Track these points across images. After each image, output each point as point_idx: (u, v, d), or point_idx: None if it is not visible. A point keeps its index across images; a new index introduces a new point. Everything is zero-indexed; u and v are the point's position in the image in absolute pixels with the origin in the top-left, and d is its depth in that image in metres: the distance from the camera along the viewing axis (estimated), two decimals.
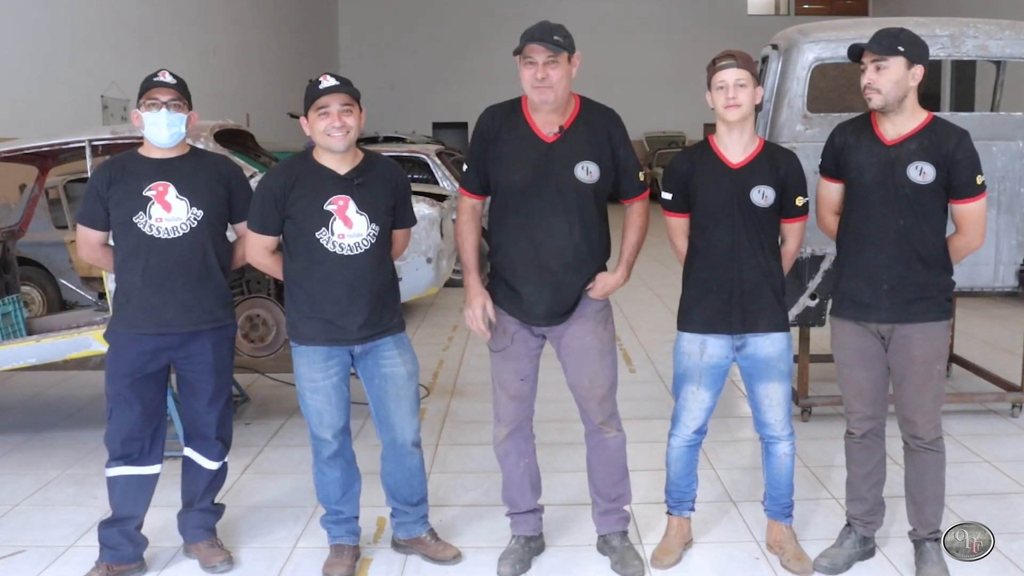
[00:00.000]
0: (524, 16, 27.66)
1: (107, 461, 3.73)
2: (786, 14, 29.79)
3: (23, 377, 6.85)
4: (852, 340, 3.60)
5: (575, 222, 3.47)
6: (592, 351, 3.60)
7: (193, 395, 3.77)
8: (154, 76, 3.69)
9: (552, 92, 3.38)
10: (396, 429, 3.75)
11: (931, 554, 3.62)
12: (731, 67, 3.45)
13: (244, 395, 6.26)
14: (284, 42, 22.58)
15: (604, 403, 3.68)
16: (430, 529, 3.93)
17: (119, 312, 3.67)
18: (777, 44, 5.43)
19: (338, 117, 3.44)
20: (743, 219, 3.53)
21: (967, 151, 3.40)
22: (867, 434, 3.67)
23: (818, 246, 5.01)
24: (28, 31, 10.76)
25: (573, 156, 3.46)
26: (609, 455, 3.77)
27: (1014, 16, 6.11)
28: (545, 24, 3.41)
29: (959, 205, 3.47)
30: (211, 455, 3.83)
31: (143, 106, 3.60)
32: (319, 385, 3.60)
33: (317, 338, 3.56)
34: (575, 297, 3.54)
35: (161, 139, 3.61)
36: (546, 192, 3.46)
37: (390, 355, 3.67)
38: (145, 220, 3.57)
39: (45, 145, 5.43)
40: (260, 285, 5.70)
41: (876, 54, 3.36)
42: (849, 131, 3.62)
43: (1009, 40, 5.21)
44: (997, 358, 6.86)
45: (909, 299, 3.46)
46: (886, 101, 3.38)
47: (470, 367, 7.22)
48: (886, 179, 3.44)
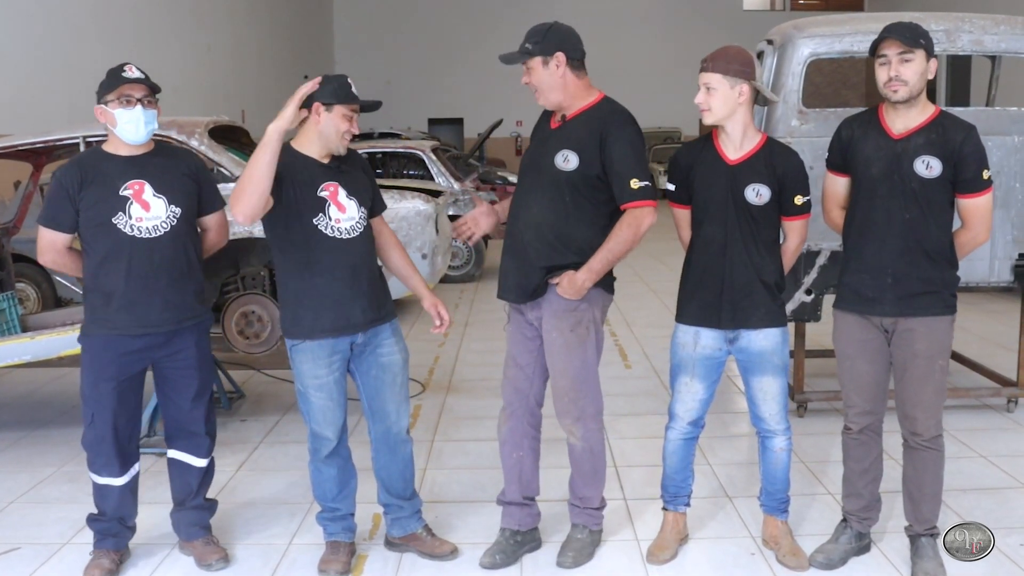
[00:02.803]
0: (519, 11, 27.55)
1: (93, 468, 3.71)
2: (782, 9, 29.75)
3: (18, 374, 6.84)
4: (855, 332, 3.60)
5: (544, 204, 3.56)
6: (555, 347, 3.61)
7: (177, 393, 3.75)
8: (121, 71, 3.54)
9: (540, 95, 3.57)
10: (391, 418, 3.76)
11: (927, 549, 3.62)
12: (702, 70, 3.50)
13: (239, 391, 6.25)
14: (279, 38, 22.54)
15: (561, 401, 3.68)
16: (425, 525, 3.93)
17: (97, 314, 3.60)
18: (772, 39, 5.43)
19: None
20: (736, 215, 3.53)
21: (974, 146, 3.40)
22: (864, 430, 3.67)
23: (813, 241, 5.00)
24: (22, 27, 10.73)
25: (559, 144, 3.55)
26: (574, 459, 3.79)
27: (1010, 11, 6.12)
28: (529, 32, 3.57)
29: (965, 200, 3.46)
30: (200, 452, 3.83)
31: (115, 103, 3.50)
32: (323, 382, 3.59)
33: (324, 330, 3.54)
34: (537, 278, 3.56)
35: (138, 137, 3.55)
36: (532, 172, 3.65)
37: (388, 343, 3.70)
38: (125, 220, 3.52)
39: (40, 142, 5.42)
40: (255, 281, 5.69)
41: (904, 45, 3.34)
42: (856, 125, 3.61)
43: (1004, 35, 5.21)
44: (993, 353, 6.87)
45: (913, 293, 3.46)
46: (911, 93, 3.38)
47: (466, 363, 7.22)
48: (892, 173, 3.44)
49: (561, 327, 3.58)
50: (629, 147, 3.50)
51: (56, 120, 10.06)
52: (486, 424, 3.87)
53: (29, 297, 7.89)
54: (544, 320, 3.62)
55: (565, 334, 3.59)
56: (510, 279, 3.67)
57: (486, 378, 6.60)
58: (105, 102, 3.53)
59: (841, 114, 5.17)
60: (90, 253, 3.59)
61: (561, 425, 3.75)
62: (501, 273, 3.72)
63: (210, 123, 5.55)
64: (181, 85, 14.68)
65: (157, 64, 13.90)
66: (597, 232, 3.55)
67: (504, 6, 27.77)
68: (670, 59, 27.82)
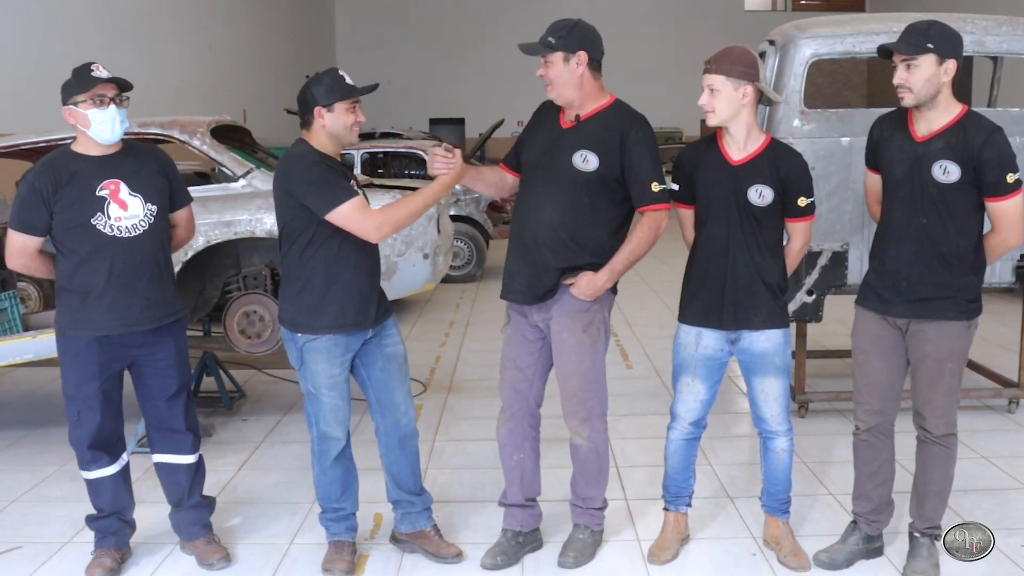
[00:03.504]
0: (520, 11, 27.55)
1: (83, 464, 3.73)
2: (783, 10, 29.73)
3: (19, 373, 6.84)
4: (872, 329, 3.59)
5: (560, 204, 3.53)
6: (566, 347, 3.61)
7: (157, 392, 3.75)
8: (90, 71, 3.51)
9: (553, 89, 3.53)
10: (400, 409, 3.77)
11: (922, 550, 3.60)
12: (706, 71, 3.49)
13: (240, 391, 6.25)
14: (281, 37, 22.52)
15: (569, 402, 3.68)
16: (434, 524, 3.93)
17: (76, 315, 3.58)
18: (774, 40, 5.42)
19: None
20: (739, 216, 3.53)
21: (996, 148, 3.31)
22: (872, 430, 3.64)
23: (815, 242, 5.00)
24: (23, 26, 10.73)
25: (577, 144, 3.53)
26: (579, 459, 3.79)
27: (1011, 12, 6.12)
28: (553, 25, 3.53)
29: (991, 203, 3.38)
30: (184, 450, 3.82)
31: (87, 103, 3.47)
32: (337, 380, 3.60)
33: (346, 324, 3.56)
34: (550, 279, 3.54)
35: (113, 136, 3.54)
36: (544, 172, 3.60)
37: (391, 334, 3.75)
38: (105, 221, 3.51)
39: (41, 141, 5.41)
40: (257, 281, 5.69)
41: (905, 54, 3.31)
42: (886, 125, 3.60)
43: (1006, 36, 5.20)
44: (994, 354, 6.86)
45: (926, 297, 3.43)
46: (918, 99, 3.35)
47: (467, 363, 7.22)
48: (912, 176, 3.41)
49: (574, 328, 3.58)
50: (648, 150, 3.54)
51: (56, 120, 10.05)
52: (487, 424, 3.87)
53: (30, 296, 7.88)
54: (554, 321, 3.60)
55: (578, 335, 3.58)
56: (517, 281, 3.64)
57: (487, 378, 6.60)
58: (75, 103, 3.49)
59: (843, 115, 5.19)
60: (66, 254, 3.56)
61: (567, 426, 3.74)
62: (507, 274, 3.70)
63: (212, 123, 5.55)
64: (182, 85, 14.68)
65: (158, 64, 13.94)
66: (610, 233, 3.56)
67: (506, 6, 27.76)
68: (671, 59, 27.81)
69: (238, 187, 5.28)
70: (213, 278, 5.65)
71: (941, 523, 3.64)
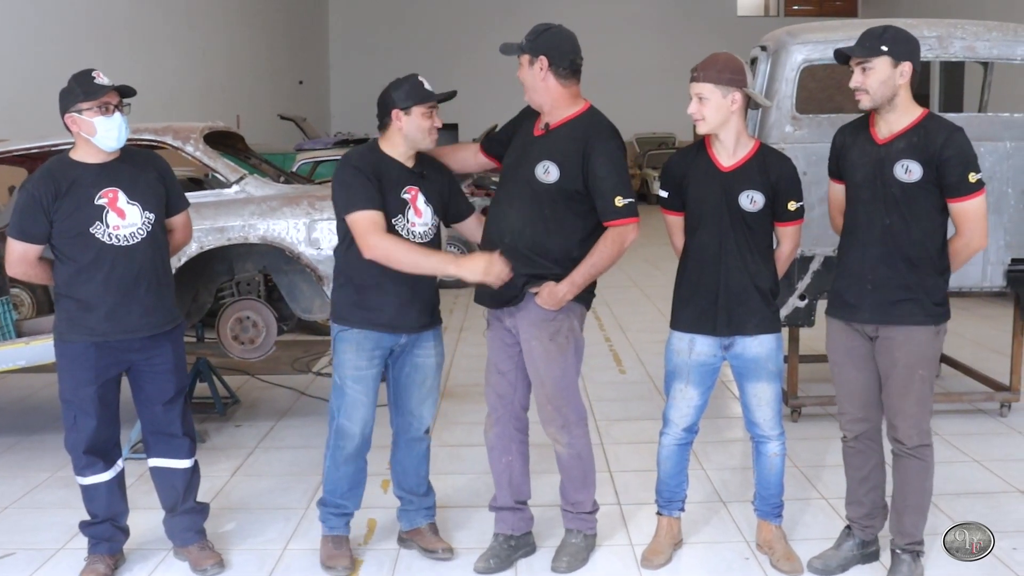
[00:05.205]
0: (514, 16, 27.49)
1: (78, 469, 3.73)
2: (776, 15, 29.80)
3: (13, 380, 6.82)
4: (842, 340, 3.60)
5: (522, 213, 3.55)
6: (535, 355, 3.62)
7: (154, 396, 3.75)
8: (93, 79, 3.49)
9: (525, 92, 3.57)
10: (413, 415, 3.84)
11: (903, 567, 3.55)
12: (693, 80, 3.49)
13: (234, 397, 6.25)
14: (274, 43, 22.52)
15: (544, 410, 3.69)
16: (431, 522, 3.97)
17: (75, 321, 3.58)
18: (766, 45, 5.45)
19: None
20: (731, 223, 3.54)
21: (957, 147, 3.32)
22: (859, 437, 3.65)
23: (807, 247, 5.02)
24: (17, 32, 10.72)
25: (541, 154, 3.53)
26: (563, 466, 3.80)
27: (1002, 17, 6.14)
28: (532, 28, 3.55)
29: (954, 204, 3.39)
30: (181, 454, 3.83)
31: (92, 111, 3.45)
32: (363, 374, 3.64)
33: (380, 323, 3.61)
34: (514, 286, 3.51)
35: (117, 144, 3.54)
36: (510, 181, 3.65)
37: (427, 345, 3.78)
38: (103, 229, 3.52)
39: (35, 147, 5.40)
40: (250, 287, 5.69)
41: (859, 56, 3.35)
42: (848, 132, 3.62)
43: (996, 41, 5.23)
44: (986, 358, 6.89)
45: (892, 300, 3.42)
46: (875, 102, 3.37)
47: (460, 368, 7.22)
48: (875, 178, 3.42)
49: (540, 336, 3.58)
50: (612, 163, 3.49)
51: (52, 126, 10.05)
52: (481, 429, 3.88)
53: (23, 302, 7.87)
54: (522, 329, 3.62)
55: (545, 343, 3.59)
56: (486, 285, 3.64)
57: (480, 383, 6.56)
58: (79, 110, 3.47)
59: (835, 120, 5.21)
60: (65, 262, 3.57)
61: (547, 433, 3.76)
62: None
63: (205, 128, 5.55)
64: (176, 90, 14.66)
65: (152, 69, 13.92)
66: (575, 243, 3.54)
67: (498, 12, 27.75)
68: (664, 64, 27.80)
69: (231, 193, 5.28)
70: (207, 284, 5.65)
71: (922, 537, 3.59)
